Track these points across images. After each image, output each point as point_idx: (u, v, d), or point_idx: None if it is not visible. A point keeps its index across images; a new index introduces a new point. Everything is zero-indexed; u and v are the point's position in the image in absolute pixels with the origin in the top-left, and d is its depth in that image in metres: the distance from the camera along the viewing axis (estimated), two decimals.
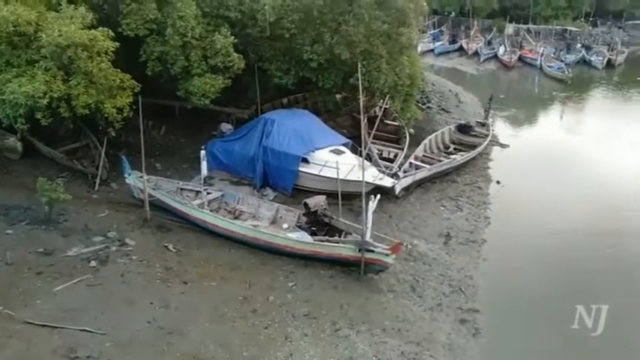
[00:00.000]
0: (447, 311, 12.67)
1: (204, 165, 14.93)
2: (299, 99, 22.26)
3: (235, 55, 16.50)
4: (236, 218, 15.04)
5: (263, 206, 15.55)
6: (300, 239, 13.64)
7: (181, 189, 16.00)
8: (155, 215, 14.66)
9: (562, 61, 44.25)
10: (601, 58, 46.61)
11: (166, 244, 13.59)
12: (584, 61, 46.84)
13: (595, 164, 21.89)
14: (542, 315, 12.75)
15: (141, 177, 14.70)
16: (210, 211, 14.88)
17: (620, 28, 63.02)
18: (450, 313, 12.64)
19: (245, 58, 17.19)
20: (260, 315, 11.40)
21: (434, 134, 22.51)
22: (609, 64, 46.16)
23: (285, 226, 14.68)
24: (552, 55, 46.45)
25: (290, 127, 17.05)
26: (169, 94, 17.76)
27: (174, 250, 13.42)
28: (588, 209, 18.06)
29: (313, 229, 14.27)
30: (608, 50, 48.91)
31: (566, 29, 54.73)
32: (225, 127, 18.48)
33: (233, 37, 16.54)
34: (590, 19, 59.83)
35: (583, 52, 48.28)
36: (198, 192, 15.67)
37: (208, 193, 15.46)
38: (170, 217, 14.89)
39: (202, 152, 15.10)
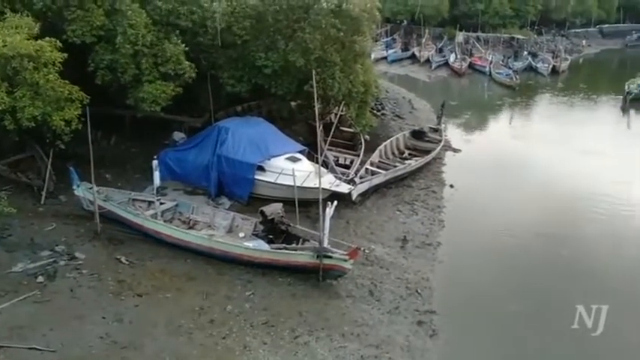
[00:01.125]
0: (404, 314, 12.76)
1: (156, 175, 14.61)
2: (253, 107, 22.17)
3: (186, 62, 16.32)
4: (191, 228, 14.79)
5: (218, 215, 15.35)
6: (258, 248, 13.52)
7: (133, 200, 15.64)
8: (106, 227, 14.27)
9: (510, 68, 45.77)
10: (546, 65, 48.43)
11: (118, 257, 13.24)
12: (530, 68, 48.53)
13: (543, 167, 22.58)
14: (496, 314, 13.02)
15: (90, 188, 14.26)
16: (164, 221, 14.59)
17: (563, 36, 65.75)
18: (408, 315, 12.73)
19: (197, 66, 17.03)
20: (218, 325, 11.22)
21: (389, 140, 22.80)
22: (554, 71, 48.01)
23: (241, 234, 14.52)
24: (501, 62, 47.94)
25: (245, 135, 16.95)
26: (119, 103, 17.36)
27: (127, 263, 13.08)
28: (538, 211, 18.60)
29: (270, 237, 14.16)
30: (553, 57, 50.89)
31: (513, 37, 56.67)
32: (178, 135, 18.22)
33: (184, 45, 16.34)
34: (536, 27, 62.29)
35: (529, 59, 50.06)
36: (150, 202, 15.33)
37: (161, 204, 15.13)
38: (122, 228, 14.53)
39: (154, 162, 14.75)
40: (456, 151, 24.85)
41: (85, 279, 12.15)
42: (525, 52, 52.73)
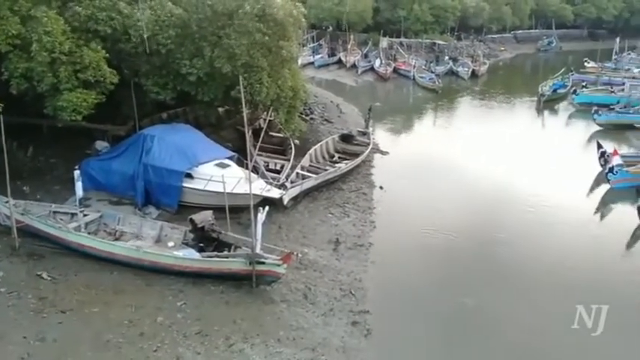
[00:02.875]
0: (339, 315, 12.86)
1: (78, 185, 14.01)
2: (179, 113, 21.71)
3: (107, 69, 15.76)
4: (117, 239, 14.31)
5: (146, 225, 14.91)
6: (188, 257, 13.24)
7: (54, 212, 14.91)
8: (25, 242, 13.56)
9: (432, 72, 47.43)
10: (466, 69, 50.62)
11: (39, 273, 12.59)
12: (451, 72, 50.57)
13: (467, 167, 23.50)
14: (427, 310, 13.40)
15: (6, 202, 13.47)
16: (88, 233, 14.04)
17: (481, 41, 68.98)
18: (343, 316, 12.83)
19: (119, 73, 16.49)
20: (148, 338, 10.89)
21: (319, 144, 23.01)
22: (474, 75, 50.28)
23: (170, 244, 14.17)
24: (424, 66, 49.61)
25: (171, 143, 16.58)
26: (37, 112, 16.51)
27: (49, 278, 12.46)
28: (463, 209, 19.33)
29: (201, 245, 13.89)
30: (472, 62, 53.24)
31: (434, 43, 58.86)
32: (101, 144, 17.55)
33: (104, 52, 15.80)
34: (455, 33, 64.97)
35: (450, 63, 52.16)
36: (73, 214, 14.69)
37: (85, 215, 14.54)
38: (43, 243, 13.82)
39: (76, 172, 14.16)
40: (384, 153, 25.40)
41: (2, 297, 11.49)
42: (446, 57, 54.91)
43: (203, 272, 13.10)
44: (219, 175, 15.20)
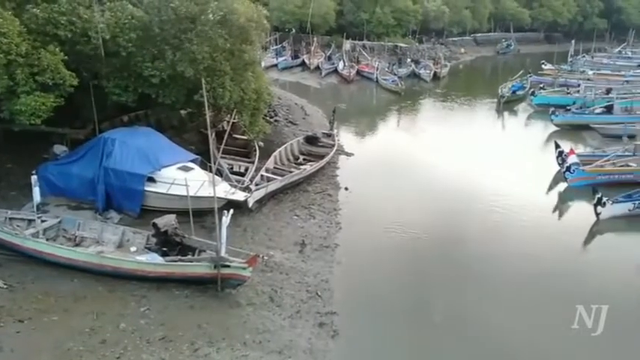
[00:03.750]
0: (305, 317, 12.83)
1: (36, 191, 13.58)
2: (141, 116, 21.34)
3: (66, 71, 15.37)
4: (77, 245, 13.94)
5: (107, 230, 14.59)
6: (151, 261, 13.02)
7: (11, 219, 14.45)
8: None
9: (395, 74, 47.98)
10: (428, 72, 51.37)
11: None
12: (414, 74, 51.20)
13: (430, 167, 23.84)
14: (393, 310, 13.53)
15: None
16: (47, 239, 13.63)
17: (442, 44, 70.17)
18: (309, 318, 12.82)
19: (79, 76, 16.10)
20: (111, 345, 10.65)
21: (283, 146, 22.97)
22: (435, 77, 51.07)
23: (133, 249, 13.92)
24: (386, 69, 50.12)
25: (133, 146, 16.29)
26: None
27: (5, 287, 12.06)
28: (427, 209, 19.60)
29: (164, 249, 13.68)
30: (434, 64, 54.09)
31: (397, 45, 59.57)
32: (59, 149, 17.07)
33: (63, 54, 15.41)
34: (417, 36, 65.87)
35: (413, 66, 52.83)
36: (31, 220, 14.27)
37: (43, 221, 14.13)
38: None
39: (34, 177, 13.71)
40: (348, 154, 25.53)
41: None
42: (408, 60, 55.61)
43: (167, 277, 12.88)
44: (182, 179, 15.02)
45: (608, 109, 33.64)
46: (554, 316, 13.29)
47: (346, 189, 21.02)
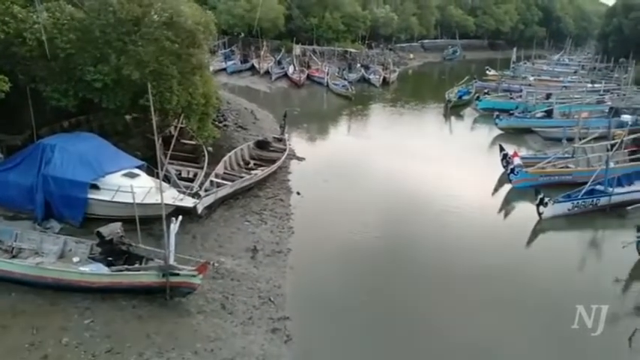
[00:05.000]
0: (258, 323, 12.66)
1: None
2: (82, 121, 20.55)
3: None
4: (14, 257, 13.26)
5: (47, 241, 13.93)
6: (95, 272, 12.51)
7: None
8: None
9: (345, 79, 48.42)
10: (378, 77, 52.10)
11: None
12: (363, 79, 51.89)
13: (381, 171, 24.14)
14: (348, 313, 13.50)
15: None
16: None
17: (391, 50, 71.43)
18: (262, 324, 12.66)
19: (13, 79, 15.34)
20: None
21: (233, 151, 22.65)
22: (385, 82, 51.87)
23: (76, 259, 13.33)
24: (337, 74, 50.51)
25: (74, 152, 15.66)
26: None
27: None
28: (379, 212, 19.80)
29: (110, 259, 13.16)
30: (383, 69, 54.90)
31: (347, 50, 60.15)
32: None
33: None
34: (366, 41, 66.74)
35: (362, 71, 53.46)
36: None
37: None
38: None
39: None
40: (300, 159, 25.47)
41: None
42: (358, 65, 56.25)
43: (113, 287, 12.42)
44: (127, 185, 14.54)
45: (549, 114, 35.08)
46: (497, 309, 13.86)
47: (298, 193, 20.92)
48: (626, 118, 30.55)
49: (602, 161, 22.26)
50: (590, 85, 50.22)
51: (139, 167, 16.73)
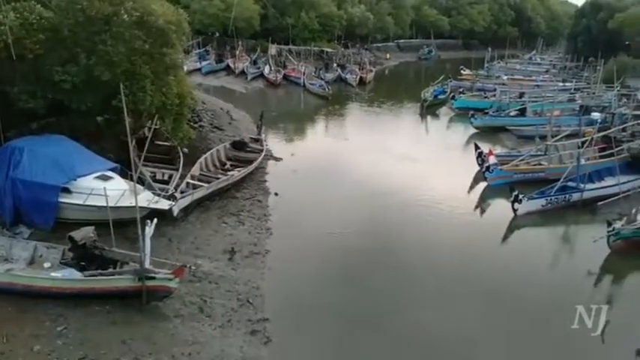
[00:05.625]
0: (237, 325, 12.55)
1: None
2: (52, 123, 20.02)
3: None
4: None
5: (17, 246, 13.57)
6: (68, 277, 12.24)
7: None
8: None
9: (322, 79, 48.34)
10: (354, 76, 52.17)
11: None
12: (340, 79, 51.89)
13: (359, 170, 24.12)
14: (328, 313, 13.44)
15: None
16: None
17: (367, 49, 71.62)
18: (241, 326, 12.55)
19: None
20: None
21: (209, 152, 22.41)
22: (361, 82, 51.95)
23: (47, 265, 13.02)
24: (313, 73, 50.41)
25: (44, 155, 15.29)
26: None
27: None
28: (358, 211, 19.74)
29: (83, 264, 12.90)
30: (360, 69, 54.99)
31: (323, 50, 60.10)
32: None
33: None
34: (342, 41, 66.81)
35: (339, 71, 53.46)
36: None
37: None
38: None
39: None
40: (277, 159, 25.34)
41: None
42: (335, 65, 56.23)
43: (86, 293, 12.16)
44: (100, 188, 14.22)
45: (522, 112, 35.55)
46: (473, 302, 14.12)
47: (276, 194, 20.79)
48: (595, 116, 31.09)
49: (573, 158, 22.61)
50: (561, 83, 51.15)
51: (112, 169, 16.41)
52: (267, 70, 49.57)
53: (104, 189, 13.83)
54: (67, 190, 15.02)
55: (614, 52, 55.98)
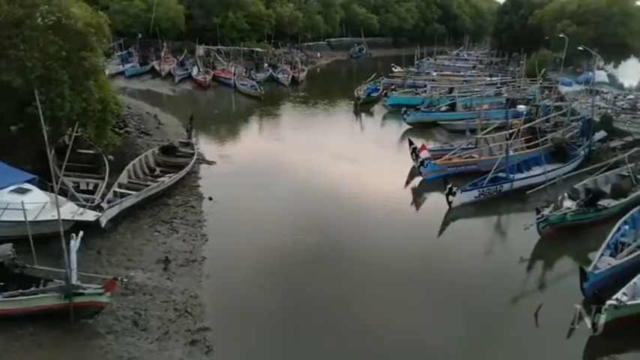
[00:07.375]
0: (175, 337, 12.13)
1: None
2: None
3: None
4: None
5: None
6: None
7: None
8: None
9: (253, 79, 47.72)
10: (286, 76, 51.91)
11: None
12: (272, 79, 51.47)
13: (296, 171, 24.00)
14: (270, 318, 13.22)
15: None
16: None
17: (298, 49, 71.46)
18: (179, 337, 12.14)
19: None
20: None
21: (137, 159, 21.52)
22: (294, 81, 51.79)
23: None
24: (244, 74, 49.71)
25: None
26: None
27: None
28: (294, 212, 19.62)
29: (2, 284, 11.97)
30: (291, 69, 54.76)
31: (253, 50, 59.39)
32: None
33: None
34: (273, 41, 66.34)
35: (270, 70, 53.01)
36: None
37: None
38: None
39: None
40: (210, 163, 24.75)
41: None
42: (266, 64, 55.72)
43: (6, 315, 11.36)
44: (17, 202, 13.34)
45: (452, 107, 36.56)
46: (412, 293, 14.50)
47: (210, 199, 20.23)
48: (521, 108, 32.39)
49: (502, 150, 23.37)
50: (488, 78, 53.11)
51: (29, 182, 15.40)
52: (195, 71, 48.45)
53: (22, 202, 13.06)
54: None
55: (536, 47, 58.71)
